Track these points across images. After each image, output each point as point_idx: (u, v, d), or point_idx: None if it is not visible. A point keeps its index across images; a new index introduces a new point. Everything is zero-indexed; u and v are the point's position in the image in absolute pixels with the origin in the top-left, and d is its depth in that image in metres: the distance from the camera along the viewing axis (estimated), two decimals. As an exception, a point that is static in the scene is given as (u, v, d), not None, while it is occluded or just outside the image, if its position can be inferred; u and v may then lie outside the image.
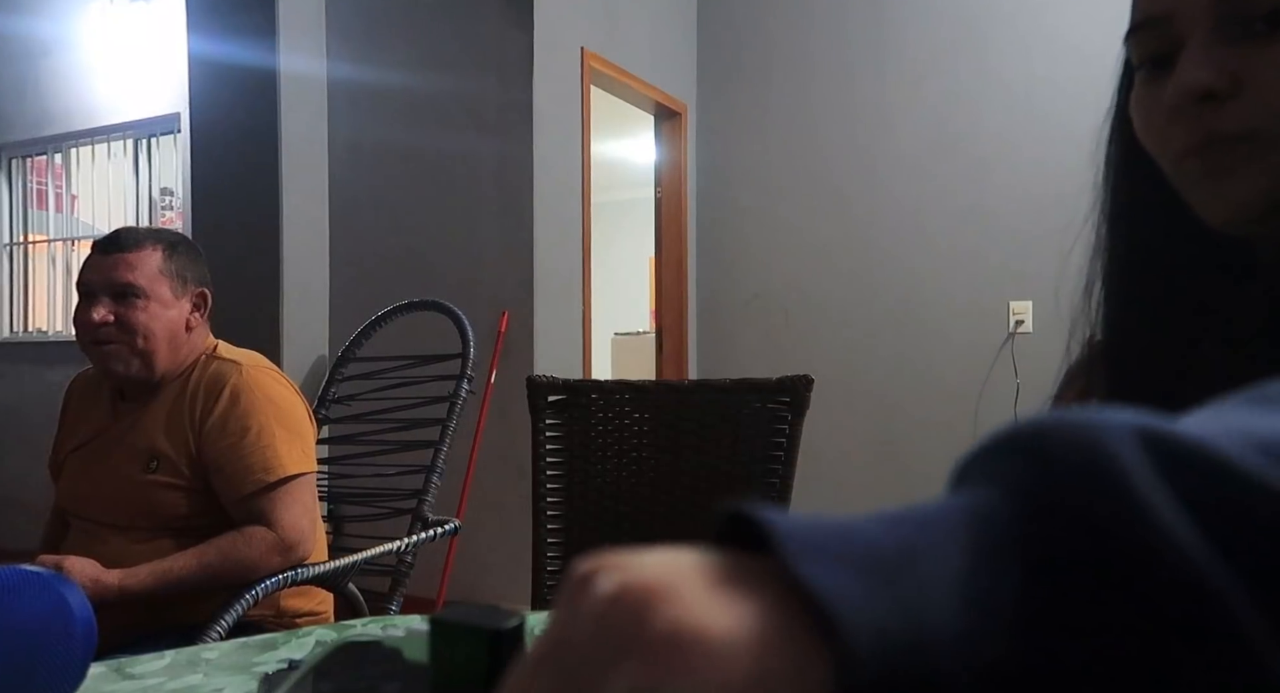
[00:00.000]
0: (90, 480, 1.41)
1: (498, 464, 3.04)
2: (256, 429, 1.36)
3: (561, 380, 1.42)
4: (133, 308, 1.37)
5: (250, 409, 1.37)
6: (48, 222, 5.11)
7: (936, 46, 3.56)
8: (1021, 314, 3.40)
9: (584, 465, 1.40)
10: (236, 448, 1.34)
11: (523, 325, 3.06)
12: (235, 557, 1.28)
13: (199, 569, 1.26)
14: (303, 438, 1.41)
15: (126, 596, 1.23)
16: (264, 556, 1.29)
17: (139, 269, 1.37)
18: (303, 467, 1.37)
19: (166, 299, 1.40)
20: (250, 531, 1.30)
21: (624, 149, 6.66)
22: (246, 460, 1.33)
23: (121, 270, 1.37)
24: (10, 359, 4.83)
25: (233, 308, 3.24)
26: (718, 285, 4.02)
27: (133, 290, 1.37)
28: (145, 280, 1.38)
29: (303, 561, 1.34)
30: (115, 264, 1.37)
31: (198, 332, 1.47)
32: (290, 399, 1.44)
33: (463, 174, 3.17)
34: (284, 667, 0.72)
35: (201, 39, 3.25)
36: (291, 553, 1.31)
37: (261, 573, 1.29)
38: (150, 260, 1.39)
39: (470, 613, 0.37)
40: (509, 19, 3.08)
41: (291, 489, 1.34)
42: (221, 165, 3.25)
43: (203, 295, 1.48)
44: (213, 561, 1.27)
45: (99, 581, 1.22)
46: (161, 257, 1.40)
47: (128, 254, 1.37)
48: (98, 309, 1.36)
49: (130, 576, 1.24)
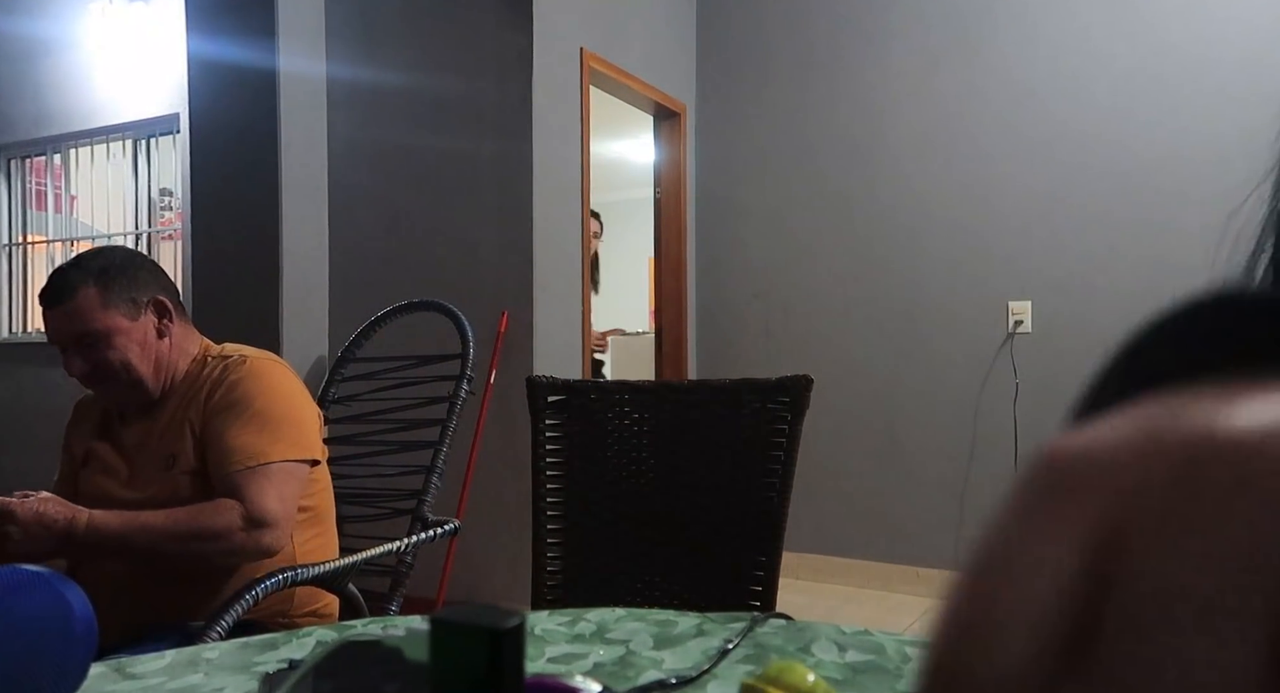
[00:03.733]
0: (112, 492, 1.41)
1: (498, 464, 3.04)
2: (250, 414, 1.37)
3: (561, 380, 1.42)
4: (99, 351, 1.38)
5: (251, 394, 1.39)
6: (47, 222, 5.11)
7: (935, 46, 3.56)
8: (1021, 314, 3.40)
9: (584, 465, 1.40)
10: (229, 429, 1.36)
11: (523, 325, 3.06)
12: (202, 520, 1.28)
13: (167, 522, 1.27)
14: (297, 427, 1.41)
15: (94, 532, 1.24)
16: (228, 525, 1.28)
17: (84, 316, 1.37)
18: (287, 454, 1.37)
19: (125, 327, 1.40)
20: (220, 500, 1.31)
21: (624, 149, 6.66)
22: (235, 442, 1.34)
23: (70, 323, 1.38)
24: (10, 359, 4.83)
25: (233, 308, 3.25)
26: (718, 285, 4.03)
27: (90, 338, 1.38)
28: (96, 323, 1.38)
29: (273, 546, 1.31)
30: (61, 318, 1.38)
31: (177, 334, 1.47)
32: (292, 389, 1.45)
33: (463, 174, 3.17)
34: (284, 667, 0.72)
35: (201, 39, 3.25)
36: (259, 531, 1.29)
37: (225, 544, 1.28)
38: (89, 302, 1.38)
39: (470, 613, 0.37)
40: (508, 19, 3.08)
41: (270, 472, 1.33)
42: (221, 166, 3.25)
43: (160, 303, 1.45)
44: (181, 518, 1.27)
45: (72, 518, 1.24)
46: (96, 293, 1.38)
47: (65, 305, 1.37)
48: (72, 363, 1.39)
49: (101, 515, 1.26)
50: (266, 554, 1.33)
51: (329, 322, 3.35)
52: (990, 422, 3.45)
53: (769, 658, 0.76)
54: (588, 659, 0.77)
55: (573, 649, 0.80)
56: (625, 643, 0.81)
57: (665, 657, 0.77)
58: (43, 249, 5.07)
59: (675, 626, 0.85)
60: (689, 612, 0.89)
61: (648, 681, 0.72)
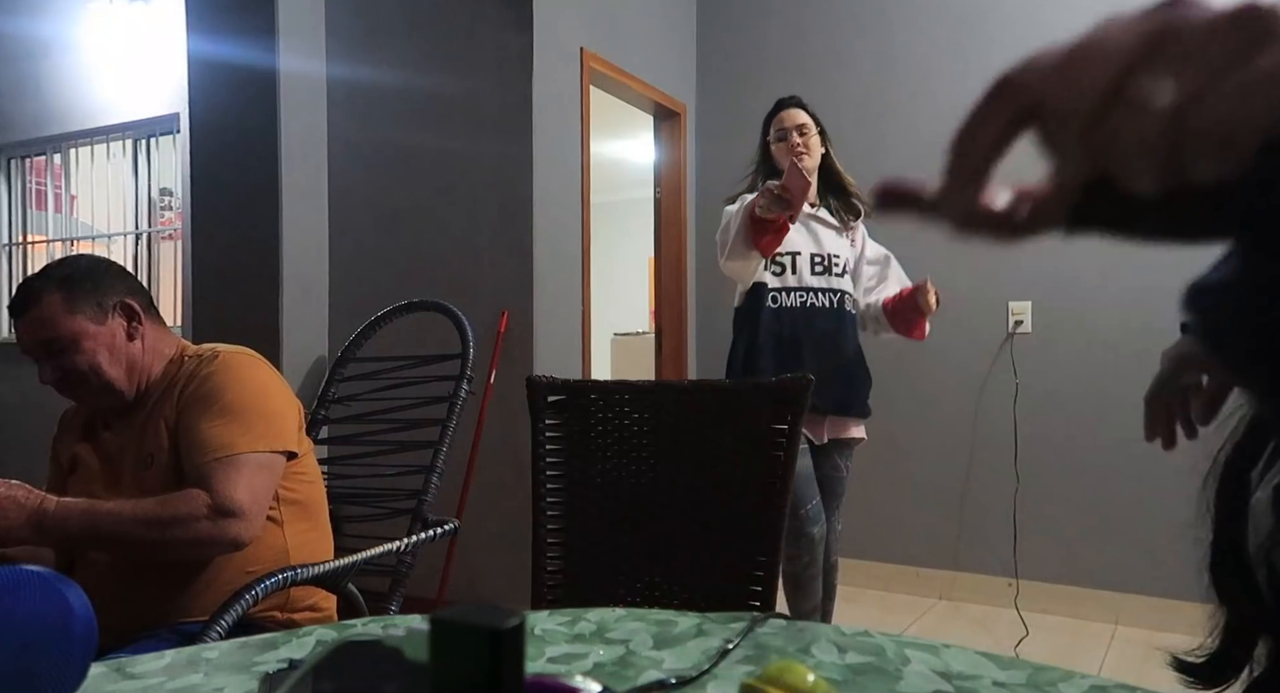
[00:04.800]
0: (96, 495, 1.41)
1: (498, 464, 3.04)
2: (220, 406, 1.37)
3: (561, 380, 1.42)
4: (67, 357, 1.39)
5: (221, 386, 1.39)
6: (47, 222, 5.11)
7: (936, 46, 3.56)
8: (1021, 314, 3.40)
9: (584, 465, 1.40)
10: (199, 422, 1.36)
11: (522, 325, 3.06)
12: (167, 508, 1.27)
13: (133, 510, 1.27)
14: (267, 419, 1.40)
15: (61, 514, 1.25)
16: (192, 513, 1.27)
17: (49, 322, 1.38)
18: (256, 446, 1.36)
19: (91, 332, 1.41)
20: (187, 490, 1.31)
21: (624, 149, 6.66)
22: (205, 434, 1.35)
23: (36, 330, 1.39)
24: (10, 359, 4.83)
25: (233, 308, 3.25)
26: (718, 285, 4.02)
27: (57, 344, 1.39)
28: (60, 328, 1.39)
29: (240, 536, 1.30)
30: (28, 326, 1.40)
31: (148, 336, 1.47)
32: (265, 381, 1.45)
33: (463, 174, 3.17)
34: (284, 667, 0.72)
35: (201, 39, 3.25)
36: (225, 521, 1.28)
37: (192, 532, 1.27)
38: (53, 308, 1.39)
39: (470, 613, 0.37)
40: (508, 19, 3.08)
41: (238, 463, 1.33)
42: (221, 166, 3.25)
43: (128, 306, 1.45)
44: (147, 506, 1.27)
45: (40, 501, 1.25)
46: (60, 299, 1.39)
47: (31, 312, 1.39)
48: (43, 371, 1.41)
49: (68, 500, 1.27)
50: (234, 545, 1.31)
51: (329, 322, 3.35)
52: (990, 422, 3.45)
53: (769, 658, 0.76)
54: (587, 659, 0.77)
55: (572, 649, 0.80)
56: (625, 643, 0.81)
57: (665, 657, 0.77)
58: (43, 249, 5.07)
59: (675, 626, 0.85)
60: (689, 612, 0.89)
61: (648, 681, 0.72)
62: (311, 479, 1.51)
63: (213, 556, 1.36)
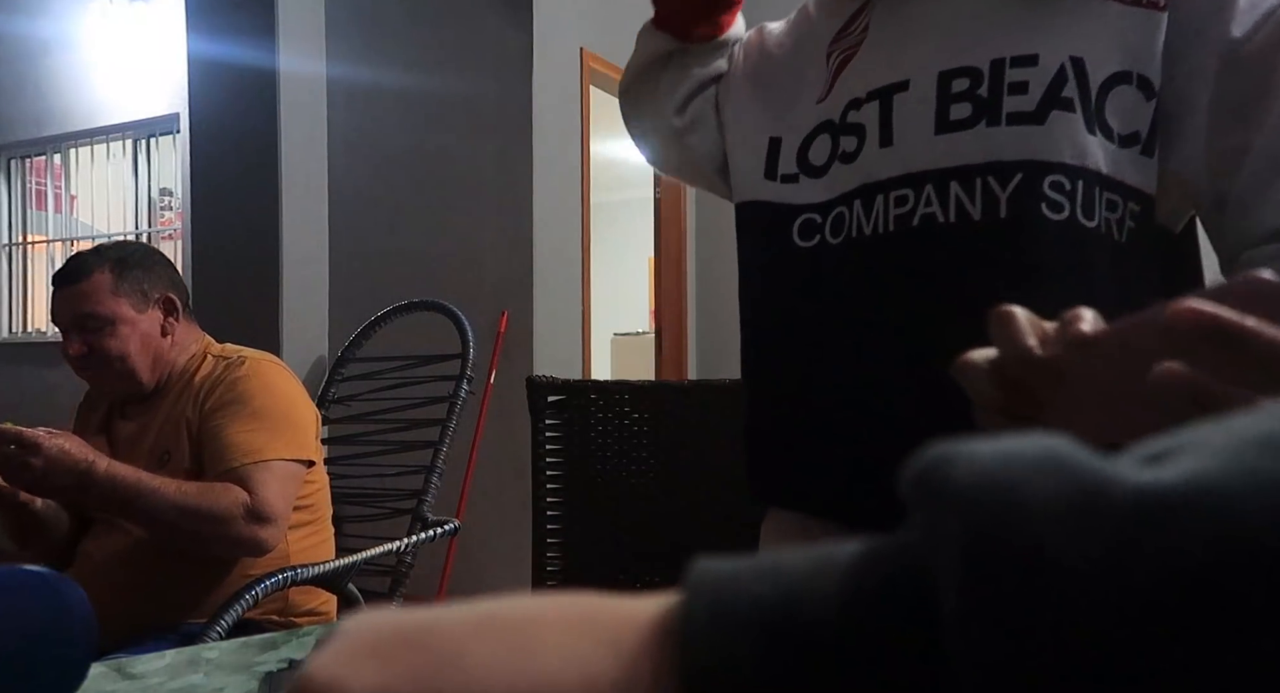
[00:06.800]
0: None
1: (498, 464, 3.04)
2: (249, 412, 1.37)
3: (561, 380, 1.42)
4: (100, 336, 1.39)
5: (250, 392, 1.39)
6: (47, 222, 5.12)
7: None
8: (1021, 314, 3.40)
9: (584, 465, 1.40)
10: (229, 426, 1.36)
11: (522, 325, 3.06)
12: (209, 498, 1.27)
13: (176, 493, 1.26)
14: (295, 428, 1.41)
15: (110, 479, 1.25)
16: (230, 512, 1.27)
17: (93, 298, 1.39)
18: (284, 453, 1.36)
19: (130, 317, 1.41)
20: (229, 485, 1.30)
21: (624, 149, 6.65)
22: (235, 438, 1.34)
23: (78, 303, 1.39)
24: (10, 359, 4.83)
25: (233, 308, 3.25)
26: (718, 285, 4.02)
27: (94, 321, 1.39)
28: (103, 307, 1.39)
29: (267, 542, 1.30)
30: (71, 297, 1.40)
31: (181, 334, 1.48)
32: (291, 390, 1.45)
33: (463, 174, 3.17)
34: (285, 667, 0.72)
35: (201, 39, 3.25)
36: (258, 525, 1.29)
37: (224, 530, 1.27)
38: (101, 285, 1.39)
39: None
40: (508, 19, 3.08)
41: (271, 469, 1.33)
42: (221, 165, 3.25)
43: (169, 300, 1.46)
44: (190, 492, 1.27)
45: (92, 461, 1.25)
46: (111, 279, 1.40)
47: (79, 285, 1.39)
48: (72, 344, 1.40)
49: (120, 466, 1.27)
50: (260, 550, 1.31)
51: (329, 322, 3.34)
52: (990, 422, 3.44)
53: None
54: (588, 659, 0.77)
55: (573, 649, 0.79)
56: (625, 643, 0.81)
57: (665, 657, 0.77)
58: (43, 249, 5.07)
59: (675, 626, 0.85)
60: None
61: (648, 681, 0.71)
62: (321, 486, 1.52)
63: (236, 557, 1.36)
